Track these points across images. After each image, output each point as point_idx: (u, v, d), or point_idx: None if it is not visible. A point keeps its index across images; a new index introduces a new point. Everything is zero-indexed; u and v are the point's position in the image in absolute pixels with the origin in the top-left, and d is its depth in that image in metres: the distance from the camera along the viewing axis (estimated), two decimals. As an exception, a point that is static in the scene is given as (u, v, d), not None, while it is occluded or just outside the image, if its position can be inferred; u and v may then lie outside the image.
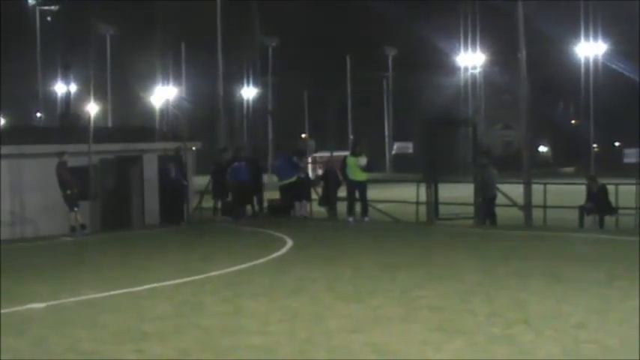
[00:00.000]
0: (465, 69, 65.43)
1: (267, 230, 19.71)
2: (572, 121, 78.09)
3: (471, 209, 20.80)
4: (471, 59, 64.42)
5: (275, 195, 24.57)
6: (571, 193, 22.70)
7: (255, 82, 65.31)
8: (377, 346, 8.23)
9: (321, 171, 28.87)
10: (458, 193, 22.58)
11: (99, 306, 10.76)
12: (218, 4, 30.45)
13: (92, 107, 29.02)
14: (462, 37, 63.40)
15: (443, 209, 21.46)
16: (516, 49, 21.60)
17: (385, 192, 28.77)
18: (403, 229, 20.42)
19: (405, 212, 22.58)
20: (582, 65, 54.84)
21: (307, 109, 72.41)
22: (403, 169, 62.61)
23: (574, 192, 22.34)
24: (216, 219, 23.14)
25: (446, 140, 25.48)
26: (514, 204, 21.28)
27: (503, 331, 8.70)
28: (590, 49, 54.37)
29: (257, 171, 24.33)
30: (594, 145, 55.88)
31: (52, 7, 68.22)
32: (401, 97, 73.96)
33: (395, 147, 78.46)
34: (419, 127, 54.38)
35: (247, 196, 23.44)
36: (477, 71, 65.22)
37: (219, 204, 23.64)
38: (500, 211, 20.83)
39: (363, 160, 21.58)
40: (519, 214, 20.85)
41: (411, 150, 76.30)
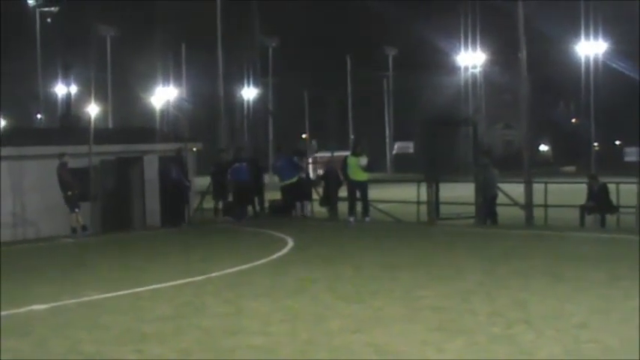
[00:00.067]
0: (466, 68, 65.42)
1: (268, 231, 19.71)
2: (573, 120, 78.07)
3: (472, 209, 20.80)
4: (471, 59, 64.40)
5: (276, 195, 24.59)
6: (572, 192, 22.68)
7: (255, 83, 65.27)
8: (378, 346, 8.23)
9: (322, 171, 28.88)
10: (459, 192, 22.57)
11: (100, 307, 10.77)
12: (218, 5, 30.43)
13: (93, 108, 29.05)
14: (462, 37, 63.40)
15: (444, 209, 21.47)
16: (517, 48, 21.58)
17: (386, 192, 28.76)
18: (404, 229, 20.42)
19: (406, 212, 22.58)
20: (582, 64, 54.83)
21: (308, 110, 72.43)
22: (404, 169, 62.60)
23: (575, 191, 22.32)
24: (217, 220, 23.16)
25: (446, 140, 25.43)
26: (515, 203, 21.28)
27: (504, 331, 8.70)
28: (590, 49, 54.36)
29: (258, 171, 24.33)
30: (595, 144, 55.85)
31: (52, 8, 68.25)
32: (401, 97, 73.94)
33: (396, 147, 78.45)
34: (419, 126, 54.34)
35: (248, 197, 23.45)
36: (477, 71, 65.22)
37: (220, 205, 23.66)
38: (501, 211, 20.83)
39: (364, 160, 21.58)
40: (520, 214, 20.84)
41: (411, 150, 76.25)
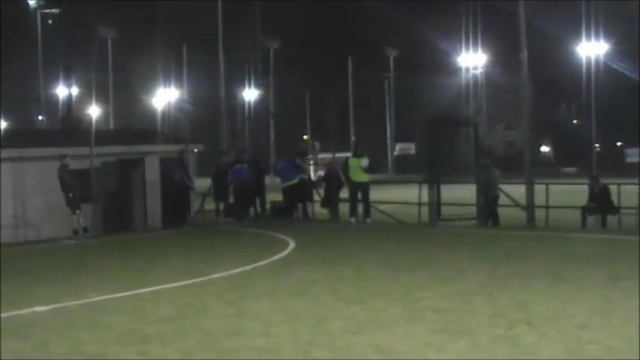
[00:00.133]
0: (467, 69, 65.42)
1: (270, 232, 19.71)
2: (574, 121, 78.03)
3: (473, 210, 20.80)
4: (472, 59, 64.40)
5: (277, 197, 24.59)
6: (573, 193, 22.68)
7: (256, 84, 65.30)
8: (380, 347, 8.23)
9: (323, 172, 28.87)
10: (460, 193, 22.58)
11: (102, 309, 10.77)
12: (219, 6, 30.46)
13: (94, 110, 29.10)
14: (463, 38, 63.40)
15: (445, 210, 21.46)
16: (518, 49, 21.58)
17: (387, 193, 28.77)
18: (405, 230, 20.43)
19: (407, 213, 22.58)
20: (584, 65, 54.82)
21: (309, 110, 72.44)
22: (405, 170, 62.59)
23: (576, 192, 22.31)
24: (218, 221, 23.17)
25: (447, 141, 25.42)
26: (516, 204, 21.27)
27: (506, 332, 8.70)
28: (591, 49, 54.34)
29: (259, 172, 24.34)
30: (596, 145, 55.87)
31: (53, 9, 68.29)
32: (402, 98, 73.97)
33: (397, 148, 78.48)
34: (420, 127, 54.38)
35: (249, 198, 23.45)
36: (478, 71, 65.21)
37: (221, 206, 23.67)
38: (503, 212, 20.82)
39: (365, 161, 21.58)
40: (522, 215, 20.83)
41: (413, 151, 76.26)
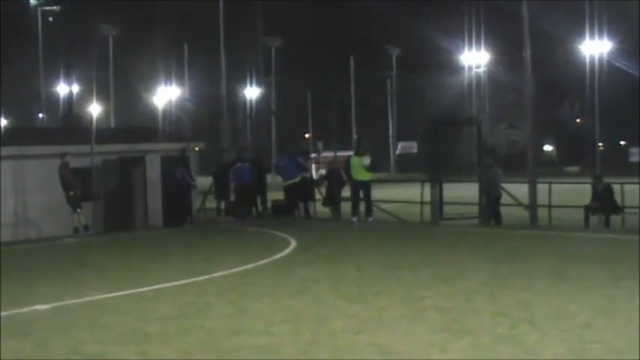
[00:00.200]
0: (469, 68, 65.41)
1: (271, 231, 19.72)
2: (577, 119, 78.03)
3: (475, 209, 20.80)
4: (475, 58, 64.39)
5: (279, 195, 24.60)
6: (576, 192, 22.66)
7: (258, 83, 65.33)
8: (382, 346, 8.23)
9: (325, 171, 28.87)
10: (462, 192, 22.57)
11: (102, 307, 10.78)
12: (220, 5, 30.44)
13: (94, 108, 29.09)
14: (466, 36, 63.41)
15: (447, 209, 21.46)
16: (521, 47, 21.57)
17: (389, 192, 28.77)
18: (407, 229, 20.43)
19: (409, 212, 22.58)
20: (587, 64, 54.78)
21: (310, 109, 72.45)
22: (407, 169, 62.64)
23: (579, 191, 22.30)
24: (219, 220, 23.18)
25: (450, 140, 25.44)
26: (519, 204, 21.26)
27: (509, 332, 8.70)
28: (595, 48, 54.30)
29: (260, 171, 24.34)
30: (599, 144, 55.83)
31: (54, 7, 68.34)
32: (405, 97, 73.98)
33: (399, 147, 78.49)
34: (423, 126, 54.37)
35: (250, 197, 23.46)
36: (481, 70, 65.21)
37: (222, 205, 23.68)
38: (505, 211, 20.82)
39: (367, 159, 21.57)
40: (524, 214, 20.82)
41: (415, 150, 76.29)
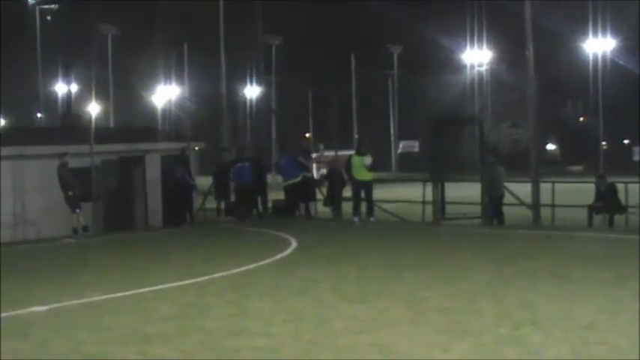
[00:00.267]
0: (472, 66, 65.36)
1: (272, 231, 19.73)
2: (581, 118, 77.96)
3: (478, 209, 20.78)
4: (477, 56, 64.33)
5: (279, 195, 24.60)
6: (579, 191, 22.67)
7: (258, 81, 65.30)
8: (383, 347, 8.24)
9: (326, 171, 28.86)
10: (465, 192, 22.57)
11: (102, 308, 10.80)
12: (220, 5, 30.43)
13: (94, 107, 29.06)
14: (468, 34, 63.34)
15: (449, 209, 21.46)
16: (523, 46, 21.56)
17: (391, 192, 28.78)
18: (409, 229, 20.43)
19: (411, 212, 22.59)
20: (590, 62, 54.71)
21: (311, 108, 72.44)
22: (409, 169, 62.61)
23: (583, 191, 22.30)
24: (219, 220, 23.19)
25: (452, 139, 25.44)
26: (522, 203, 21.26)
27: (512, 332, 8.71)
28: (598, 46, 54.22)
29: (261, 171, 24.35)
30: (603, 142, 55.74)
31: (52, 5, 68.31)
32: (406, 96, 73.94)
33: (400, 146, 78.44)
34: (424, 125, 54.32)
35: (251, 197, 23.46)
36: (483, 69, 65.16)
37: (223, 205, 23.69)
38: (508, 211, 20.81)
39: (369, 159, 21.57)
40: (527, 214, 20.82)
41: (417, 149, 76.25)
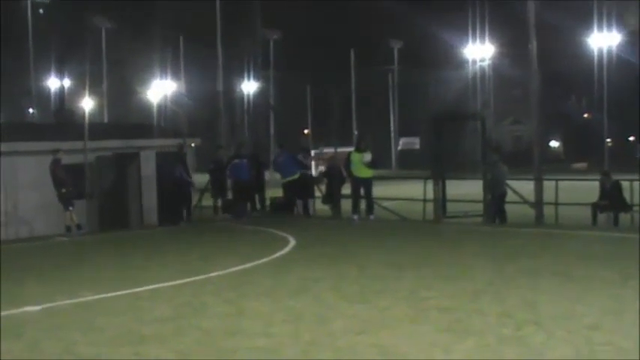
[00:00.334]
0: (474, 62, 65.35)
1: (270, 229, 19.74)
2: (585, 114, 78.02)
3: (480, 207, 20.81)
4: (479, 52, 64.32)
5: (277, 192, 24.62)
6: (583, 189, 22.69)
7: (256, 77, 65.31)
8: (384, 347, 8.25)
9: (325, 168, 28.89)
10: (466, 190, 22.59)
11: (96, 308, 10.80)
12: (217, 2, 30.45)
13: (87, 103, 29.11)
14: (470, 29, 63.34)
15: (451, 207, 21.47)
16: (526, 40, 21.57)
17: (391, 189, 28.79)
18: (410, 227, 20.44)
19: (411, 210, 22.60)
20: (595, 57, 54.70)
21: (310, 104, 72.46)
22: (409, 166, 62.71)
23: (587, 188, 22.32)
24: (216, 218, 23.20)
25: (453, 135, 25.46)
26: (524, 201, 21.28)
27: (514, 332, 8.72)
28: (603, 40, 54.20)
29: (259, 167, 24.37)
30: (608, 139, 55.76)
31: (45, -2, 68.18)
32: (407, 92, 73.96)
33: (401, 143, 78.50)
34: (425, 122, 54.37)
35: (248, 194, 23.48)
36: (485, 64, 65.16)
37: (219, 202, 23.71)
38: (510, 209, 20.83)
39: (368, 156, 21.57)
40: (530, 212, 20.84)
41: (417, 146, 76.29)
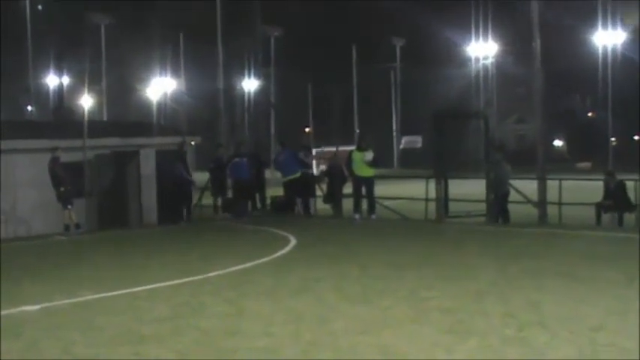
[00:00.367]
0: (477, 60, 65.28)
1: (270, 228, 19.74)
2: (589, 113, 77.95)
3: (482, 206, 20.81)
4: (482, 49, 64.23)
5: (278, 191, 24.62)
6: (588, 189, 22.66)
7: (256, 74, 65.27)
8: (385, 348, 8.25)
9: (326, 167, 28.88)
10: (469, 189, 22.59)
11: (95, 308, 10.80)
12: (218, 3, 30.45)
13: (86, 100, 29.14)
14: (473, 26, 63.27)
15: (453, 206, 21.47)
16: (530, 38, 21.56)
17: (393, 188, 28.78)
18: (412, 226, 20.44)
19: (413, 209, 22.59)
20: (600, 55, 54.58)
21: (311, 102, 72.43)
22: (411, 165, 62.67)
23: (591, 188, 22.30)
24: (216, 217, 23.20)
25: (456, 134, 25.44)
26: (528, 201, 21.27)
27: (517, 333, 8.72)
28: (607, 38, 54.10)
29: (259, 166, 24.37)
30: (612, 138, 55.67)
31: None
32: (409, 90, 73.92)
33: (403, 141, 78.46)
34: (428, 120, 54.31)
35: (248, 193, 23.48)
36: (488, 62, 65.08)
37: (219, 201, 23.71)
38: (514, 208, 20.83)
39: (370, 154, 21.57)
40: (533, 212, 20.84)
41: (419, 144, 76.22)
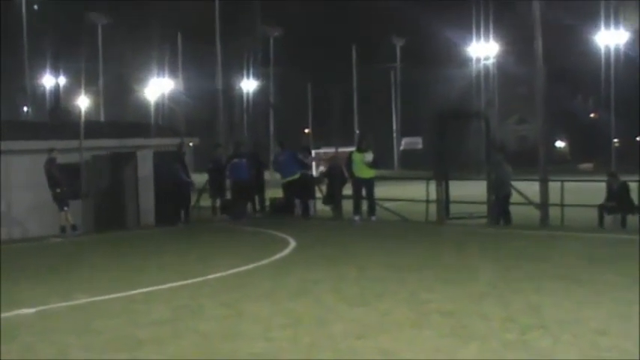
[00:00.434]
0: (478, 60, 65.33)
1: (269, 230, 19.75)
2: (592, 114, 78.00)
3: (483, 208, 20.81)
4: (483, 49, 64.26)
5: (277, 193, 24.62)
6: (590, 190, 22.67)
7: (255, 74, 65.29)
8: (384, 351, 8.24)
9: (325, 168, 28.87)
10: (470, 190, 22.58)
11: (91, 311, 10.79)
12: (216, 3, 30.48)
13: (83, 101, 29.14)
14: (474, 26, 63.31)
15: (454, 208, 21.47)
16: (532, 38, 21.56)
17: (393, 190, 28.78)
18: (412, 228, 20.44)
19: (414, 211, 22.59)
20: (602, 55, 54.60)
21: (311, 102, 72.47)
22: (412, 166, 62.72)
23: (593, 190, 22.30)
24: (214, 218, 23.20)
25: (457, 135, 25.43)
26: (529, 202, 21.27)
27: (519, 337, 8.71)
28: (610, 38, 54.10)
29: (259, 167, 24.36)
30: (615, 139, 55.71)
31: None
32: (409, 90, 73.96)
33: (403, 142, 78.52)
34: (428, 121, 54.35)
35: (248, 194, 23.48)
36: (489, 62, 65.14)
37: (218, 203, 23.71)
38: (515, 210, 20.82)
39: (370, 156, 21.58)
40: (535, 213, 20.83)
41: (420, 145, 76.28)
